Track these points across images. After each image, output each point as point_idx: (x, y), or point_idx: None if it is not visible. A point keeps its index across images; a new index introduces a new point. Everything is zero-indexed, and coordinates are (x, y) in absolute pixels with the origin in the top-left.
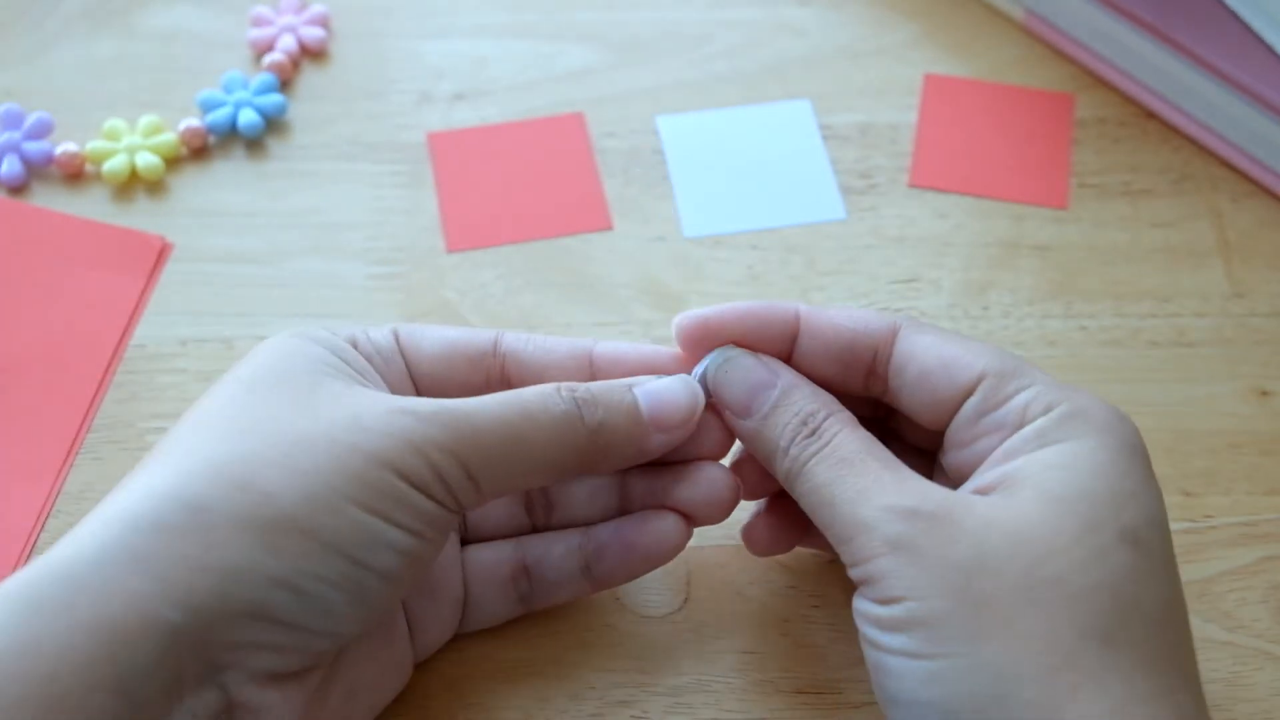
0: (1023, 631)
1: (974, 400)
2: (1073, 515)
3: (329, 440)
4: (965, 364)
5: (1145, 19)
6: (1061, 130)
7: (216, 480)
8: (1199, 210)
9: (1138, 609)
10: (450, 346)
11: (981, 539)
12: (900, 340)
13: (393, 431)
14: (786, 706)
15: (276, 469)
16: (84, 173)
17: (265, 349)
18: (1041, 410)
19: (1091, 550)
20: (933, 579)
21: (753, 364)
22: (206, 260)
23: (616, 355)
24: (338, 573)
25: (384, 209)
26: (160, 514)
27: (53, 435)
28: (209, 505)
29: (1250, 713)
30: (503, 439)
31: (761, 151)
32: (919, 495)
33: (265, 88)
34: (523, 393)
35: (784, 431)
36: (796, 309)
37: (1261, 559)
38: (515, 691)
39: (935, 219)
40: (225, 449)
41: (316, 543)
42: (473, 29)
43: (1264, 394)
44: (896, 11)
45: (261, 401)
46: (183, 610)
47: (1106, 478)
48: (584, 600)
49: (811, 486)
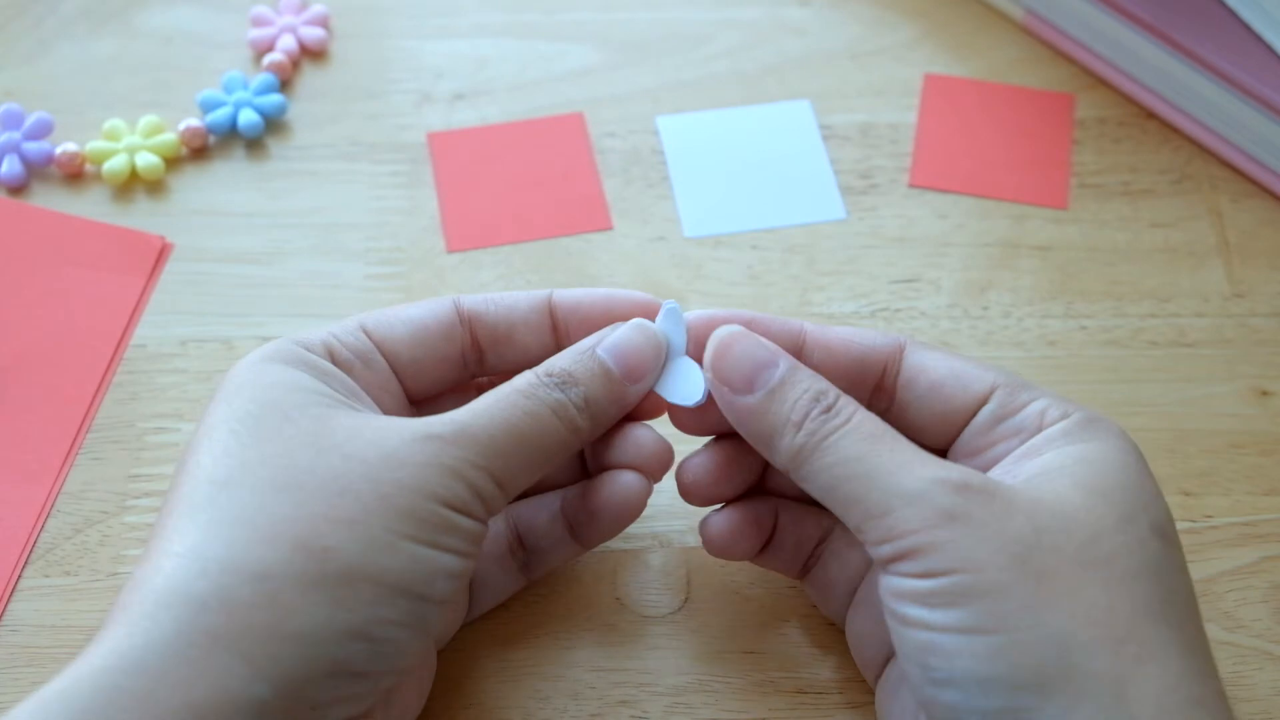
0: (1087, 603)
1: (990, 407)
2: (1111, 505)
3: (371, 482)
4: (976, 375)
5: (1145, 19)
6: (1061, 130)
7: (274, 544)
8: (1199, 210)
9: (1176, 594)
10: (421, 327)
11: (1035, 515)
12: (909, 355)
13: (427, 461)
14: (786, 706)
15: (329, 523)
16: (84, 173)
17: (247, 381)
18: (1059, 416)
19: (1132, 537)
20: (992, 550)
21: (754, 341)
22: (206, 260)
23: (575, 302)
24: (404, 611)
25: (384, 209)
26: (227, 589)
27: (53, 435)
28: (273, 572)
29: (1250, 713)
30: (517, 442)
31: (761, 151)
32: (964, 471)
33: (265, 88)
34: (513, 391)
35: (795, 407)
36: (802, 324)
37: (1261, 559)
38: (515, 691)
39: (935, 219)
40: (269, 509)
41: (382, 587)
42: (473, 29)
43: (1264, 394)
44: (896, 11)
45: (281, 449)
46: (269, 683)
47: (1134, 475)
48: (584, 600)
49: (836, 459)
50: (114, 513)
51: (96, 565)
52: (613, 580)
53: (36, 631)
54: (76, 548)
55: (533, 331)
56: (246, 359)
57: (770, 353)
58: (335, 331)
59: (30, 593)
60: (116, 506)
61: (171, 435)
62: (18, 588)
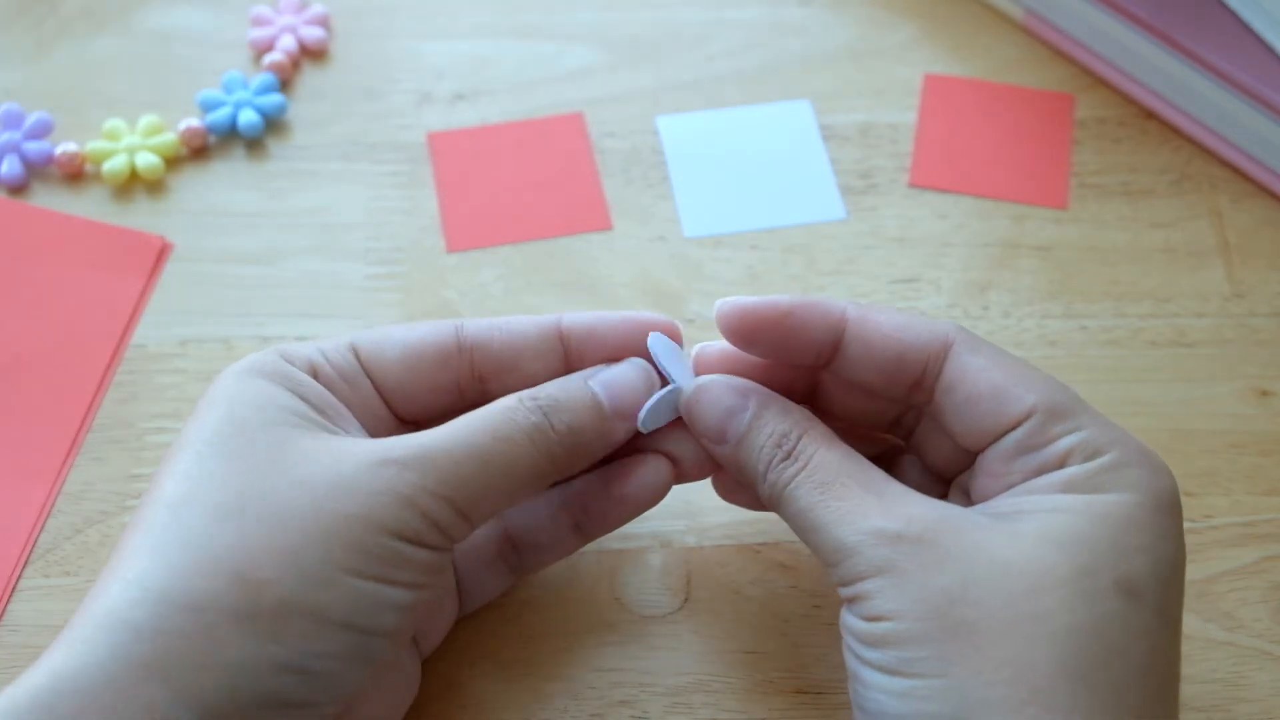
0: (996, 661)
1: (1016, 435)
2: (1067, 558)
3: (315, 510)
4: (1016, 396)
5: (1145, 19)
6: (1061, 130)
7: (212, 575)
8: (1199, 210)
9: (1123, 656)
10: (414, 353)
11: (968, 565)
12: (952, 358)
13: (378, 488)
14: (786, 706)
15: (267, 554)
16: (84, 173)
17: (222, 396)
18: (1082, 458)
19: (1081, 592)
20: (915, 602)
21: (722, 389)
22: (206, 260)
23: (588, 328)
24: (342, 645)
25: (384, 209)
26: (161, 618)
27: (53, 435)
28: (207, 604)
29: (1250, 713)
30: (484, 468)
31: (761, 151)
32: (903, 518)
33: (265, 88)
34: (488, 414)
35: (760, 456)
36: (844, 311)
37: (1261, 559)
38: (515, 691)
39: (935, 219)
40: (212, 537)
41: (318, 622)
42: (473, 29)
43: (1264, 394)
44: (896, 11)
45: (235, 471)
46: (196, 713)
47: (1116, 529)
48: (584, 600)
49: (794, 511)
50: (114, 513)
51: (96, 565)
52: (613, 580)
53: (36, 631)
54: (76, 548)
55: (540, 359)
56: (230, 369)
57: (739, 397)
58: (324, 348)
59: (30, 593)
60: (116, 506)
61: (171, 435)
62: (18, 588)
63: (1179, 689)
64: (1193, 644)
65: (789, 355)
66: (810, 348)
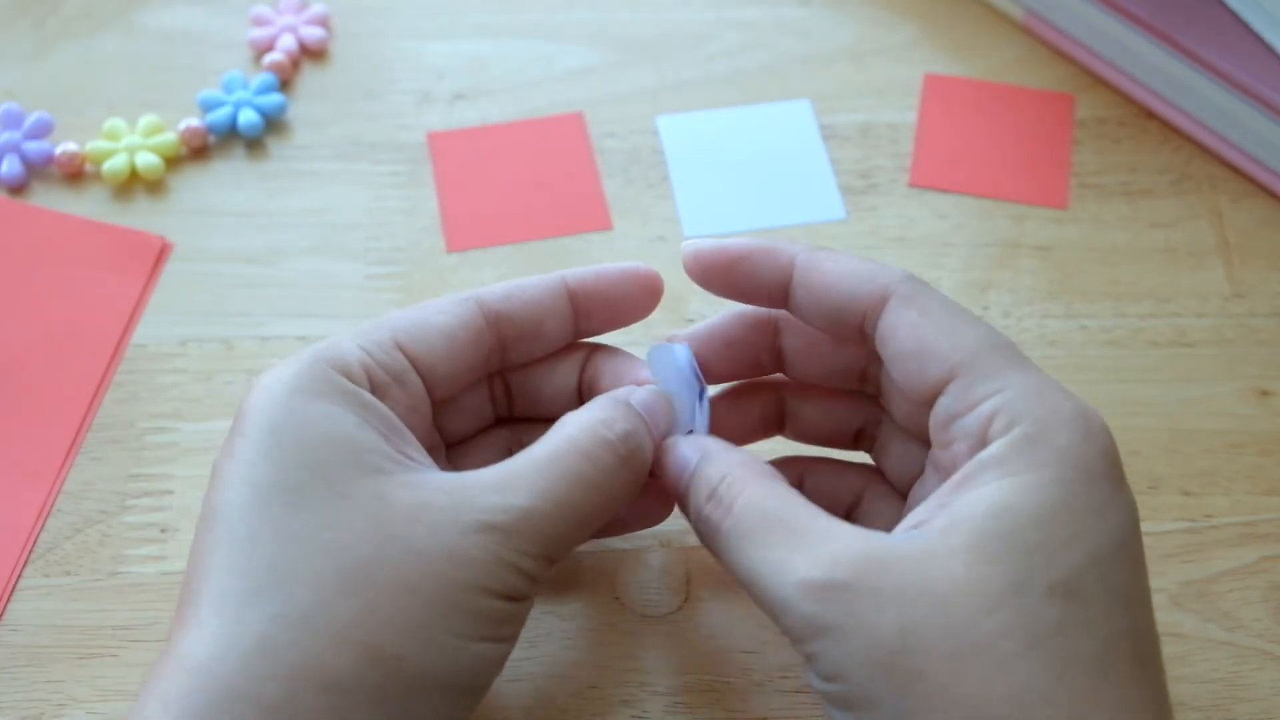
0: (949, 701)
1: (945, 401)
2: (999, 572)
3: (434, 579)
4: (940, 356)
5: (1145, 19)
6: (1061, 130)
7: (343, 651)
8: (1199, 210)
9: (1073, 663)
10: (453, 339)
11: (902, 607)
12: (888, 311)
13: (488, 559)
14: (786, 706)
15: (399, 630)
16: (84, 173)
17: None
18: (1003, 428)
19: (1018, 612)
20: (859, 663)
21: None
22: (206, 260)
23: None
24: (463, 707)
25: (384, 209)
26: (297, 699)
27: (53, 435)
28: (345, 684)
29: (1250, 713)
30: (580, 521)
31: (761, 151)
32: (829, 562)
33: (265, 87)
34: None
35: (694, 504)
36: (794, 257)
37: (1261, 559)
38: (515, 691)
39: (935, 219)
40: (338, 609)
41: (444, 690)
42: (473, 29)
43: (1264, 394)
44: (896, 11)
45: (339, 537)
46: None
47: (1043, 524)
48: (584, 600)
49: (728, 564)
50: (114, 513)
51: (96, 565)
52: (613, 580)
53: (36, 631)
54: (76, 548)
55: (557, 319)
56: (273, 384)
57: (692, 450)
58: (368, 347)
59: (30, 593)
60: (116, 506)
61: (171, 435)
62: (18, 588)
63: (1157, 652)
64: (1193, 644)
65: (744, 297)
66: (763, 291)
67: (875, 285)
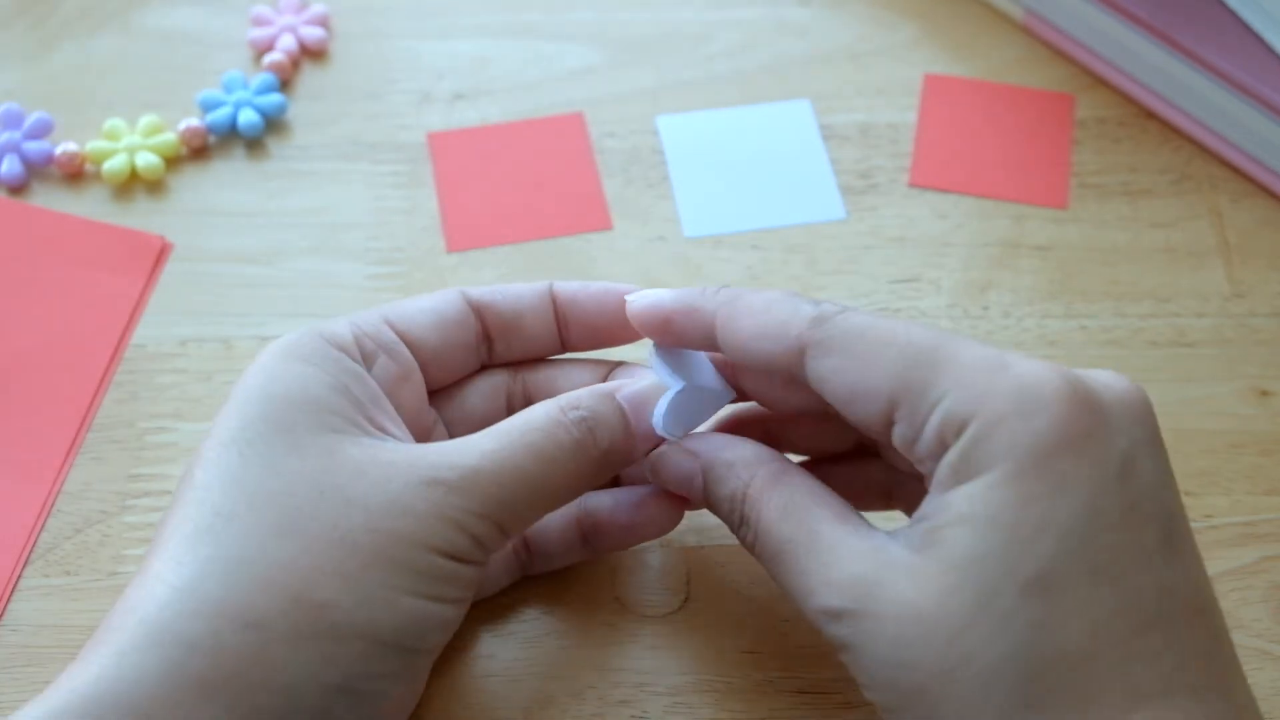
0: (949, 716)
1: (899, 429)
2: (971, 584)
3: (371, 532)
4: (874, 393)
5: (1145, 19)
6: (1061, 130)
7: (269, 593)
8: (1199, 210)
9: (1059, 659)
10: (439, 316)
11: (898, 628)
12: (808, 366)
13: (430, 511)
14: (786, 706)
15: (327, 576)
16: (84, 173)
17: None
18: (955, 432)
19: (994, 618)
20: (874, 679)
21: (677, 457)
22: (206, 260)
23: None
24: (393, 665)
25: (384, 209)
26: (219, 635)
27: (53, 435)
28: (265, 622)
29: None
30: (528, 490)
31: (761, 151)
32: (839, 590)
33: (265, 87)
34: (530, 430)
35: (727, 518)
36: (714, 315)
37: (1261, 559)
38: (515, 691)
39: (935, 219)
40: (269, 554)
41: (373, 643)
42: (473, 29)
43: (1264, 394)
44: (896, 11)
45: (284, 486)
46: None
47: (1006, 521)
48: (584, 600)
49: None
50: (114, 513)
51: (96, 565)
52: (613, 580)
53: (36, 631)
54: (76, 548)
55: (539, 319)
56: (270, 349)
57: (689, 458)
58: (358, 322)
59: (30, 593)
60: (116, 506)
61: (171, 435)
62: (18, 588)
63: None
64: None
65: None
66: (700, 346)
67: (788, 340)
